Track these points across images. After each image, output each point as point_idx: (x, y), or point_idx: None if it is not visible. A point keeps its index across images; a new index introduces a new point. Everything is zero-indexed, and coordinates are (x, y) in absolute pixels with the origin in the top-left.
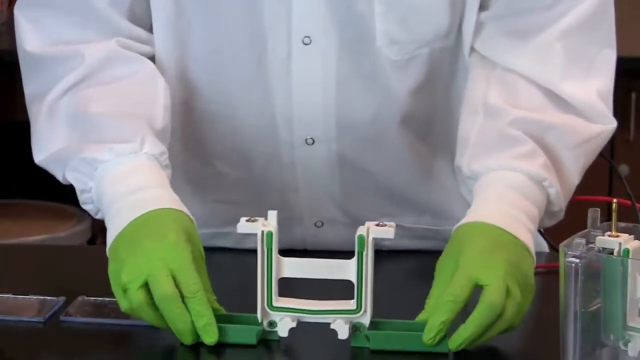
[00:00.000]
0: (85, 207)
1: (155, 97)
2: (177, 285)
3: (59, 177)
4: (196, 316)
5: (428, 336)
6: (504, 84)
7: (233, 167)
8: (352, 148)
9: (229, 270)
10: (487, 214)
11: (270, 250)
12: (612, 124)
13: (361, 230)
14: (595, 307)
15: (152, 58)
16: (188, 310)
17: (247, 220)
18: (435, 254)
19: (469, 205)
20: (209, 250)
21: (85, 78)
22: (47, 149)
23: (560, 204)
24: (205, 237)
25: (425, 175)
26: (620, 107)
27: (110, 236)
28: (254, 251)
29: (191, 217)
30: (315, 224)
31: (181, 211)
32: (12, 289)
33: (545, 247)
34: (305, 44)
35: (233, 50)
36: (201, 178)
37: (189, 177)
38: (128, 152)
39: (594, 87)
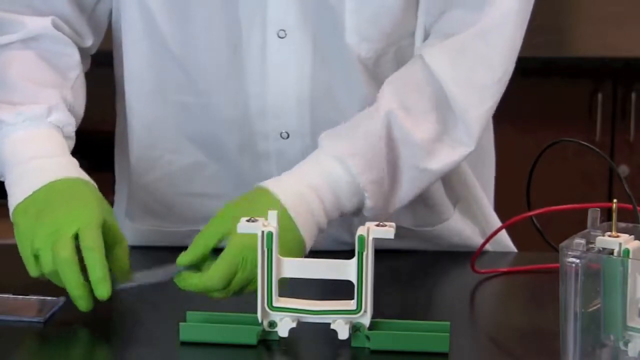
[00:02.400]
0: None
1: (67, 78)
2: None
3: None
4: (90, 271)
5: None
6: (406, 82)
7: (208, 157)
8: None
9: None
10: (279, 183)
11: (270, 250)
12: (470, 148)
13: (361, 231)
14: (595, 307)
15: (86, 51)
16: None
17: (248, 221)
18: (437, 254)
19: (449, 202)
20: (184, 249)
21: (18, 42)
22: None
23: (376, 205)
24: (182, 235)
25: None
26: (620, 107)
27: (15, 199)
28: None
29: (94, 183)
30: None
31: (87, 180)
32: (12, 289)
33: (512, 247)
34: (281, 37)
35: (208, 42)
36: (176, 170)
37: (165, 170)
38: (34, 117)
39: (484, 107)
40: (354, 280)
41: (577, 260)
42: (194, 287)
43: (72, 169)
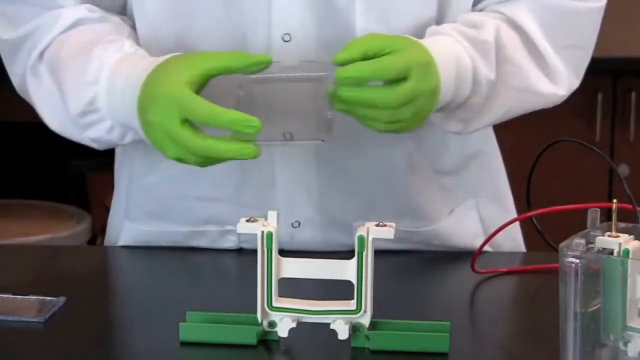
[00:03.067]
0: (123, 142)
1: (121, 32)
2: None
3: (79, 140)
4: (230, 125)
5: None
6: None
7: None
8: (330, 145)
9: (228, 272)
10: (432, 42)
11: (270, 250)
12: (562, 92)
13: (361, 231)
14: (595, 307)
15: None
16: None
17: (247, 221)
18: (437, 254)
19: (447, 203)
20: (184, 250)
21: (59, 35)
22: (52, 116)
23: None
24: (182, 236)
25: (403, 175)
26: (620, 107)
27: (135, 124)
28: (231, 251)
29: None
30: (292, 225)
31: (162, 61)
32: (12, 289)
33: (522, 247)
34: (285, 41)
35: (212, 45)
36: (177, 173)
37: (166, 173)
38: (101, 69)
39: (571, 56)
40: (353, 280)
41: (577, 260)
42: (361, 76)
43: (150, 64)
